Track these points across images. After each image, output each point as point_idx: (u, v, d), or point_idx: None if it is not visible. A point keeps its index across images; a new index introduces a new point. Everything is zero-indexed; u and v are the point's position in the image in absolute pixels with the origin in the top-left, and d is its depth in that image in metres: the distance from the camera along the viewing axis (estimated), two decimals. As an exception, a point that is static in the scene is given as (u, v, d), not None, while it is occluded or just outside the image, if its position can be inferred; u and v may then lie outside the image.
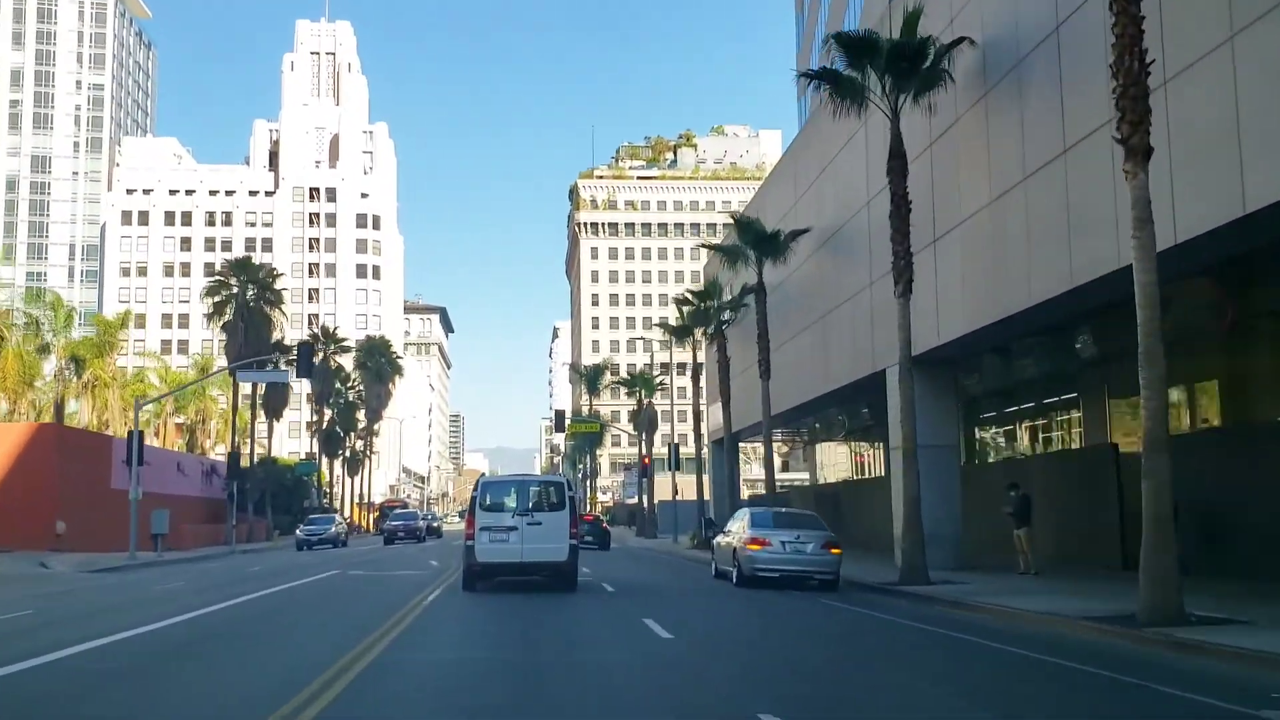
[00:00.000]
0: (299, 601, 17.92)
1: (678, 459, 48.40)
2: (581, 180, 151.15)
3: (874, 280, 25.60)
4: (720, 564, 22.41)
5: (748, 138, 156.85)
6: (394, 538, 51.57)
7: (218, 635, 12.99)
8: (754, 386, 38.48)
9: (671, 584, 22.61)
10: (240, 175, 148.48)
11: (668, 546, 46.30)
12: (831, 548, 19.56)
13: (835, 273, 29.04)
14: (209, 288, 58.95)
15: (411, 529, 52.26)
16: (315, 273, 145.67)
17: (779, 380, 32.55)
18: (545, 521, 18.50)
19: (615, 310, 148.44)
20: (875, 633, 13.76)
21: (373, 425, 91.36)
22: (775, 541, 19.35)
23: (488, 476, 22.21)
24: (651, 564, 31.95)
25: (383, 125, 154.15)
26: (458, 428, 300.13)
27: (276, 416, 67.71)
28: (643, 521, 62.25)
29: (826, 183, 29.85)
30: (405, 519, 54.37)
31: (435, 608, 16.03)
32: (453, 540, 54.37)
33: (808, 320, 31.70)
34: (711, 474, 44.85)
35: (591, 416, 79.95)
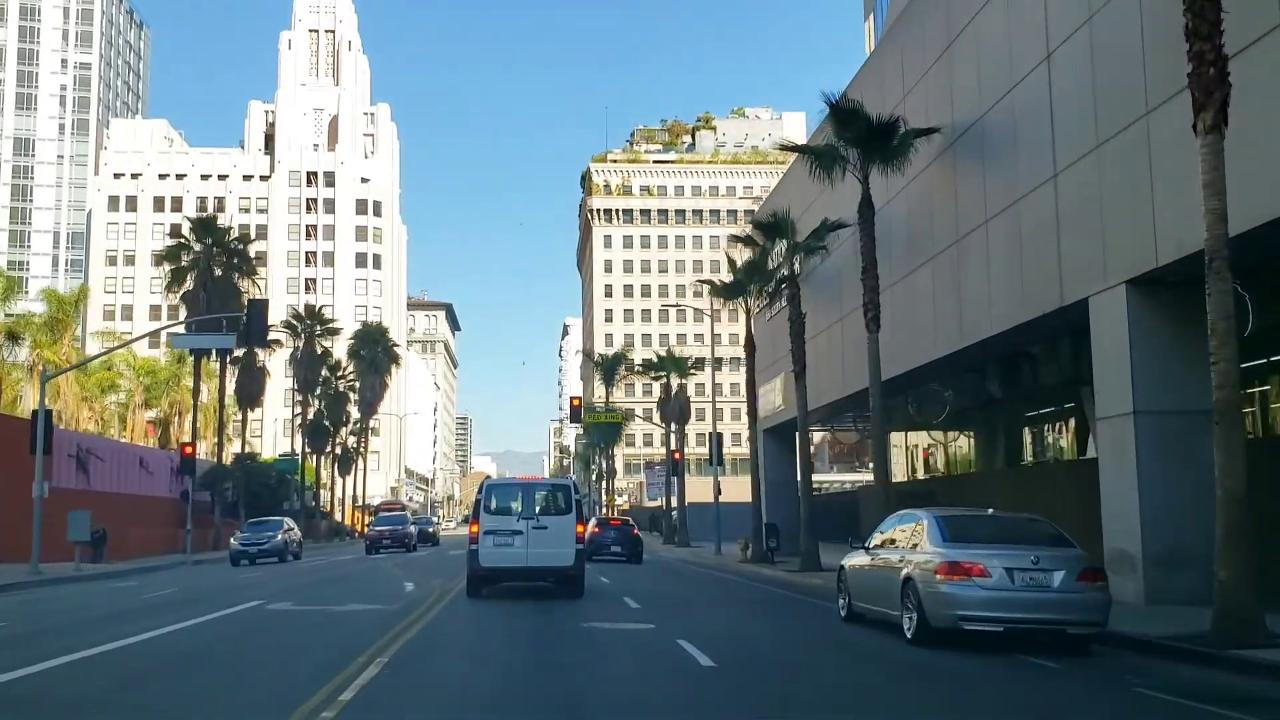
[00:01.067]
0: (121, 676, 9.60)
1: (720, 452, 39.97)
2: (594, 164, 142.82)
3: (1062, 169, 17.14)
4: (862, 601, 13.89)
5: (770, 120, 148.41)
6: (378, 546, 43.31)
7: None
8: (827, 357, 30.18)
9: (773, 635, 14.07)
10: (234, 159, 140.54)
11: (710, 558, 37.87)
12: (1092, 576, 11.15)
13: (976, 182, 20.57)
14: (166, 251, 50.72)
15: (399, 535, 43.93)
16: (312, 261, 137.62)
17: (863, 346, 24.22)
18: (551, 526, 18.09)
19: (630, 302, 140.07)
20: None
21: (367, 420, 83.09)
22: (995, 568, 10.90)
23: (493, 479, 21.77)
24: (712, 589, 23.50)
25: (385, 106, 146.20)
26: (465, 430, 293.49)
27: (252, 406, 59.44)
28: (670, 527, 53.88)
29: (960, 60, 21.41)
30: (392, 523, 45.90)
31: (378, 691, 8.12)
32: (451, 549, 45.90)
33: (923, 255, 23.25)
34: (765, 470, 36.55)
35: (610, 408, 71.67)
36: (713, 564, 34.86)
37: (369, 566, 31.50)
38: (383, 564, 32.43)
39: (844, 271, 29.87)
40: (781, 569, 28.10)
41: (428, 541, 52.94)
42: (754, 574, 28.41)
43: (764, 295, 33.67)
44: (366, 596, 18.50)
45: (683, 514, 49.23)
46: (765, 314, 36.21)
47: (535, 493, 18.94)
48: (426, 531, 53.55)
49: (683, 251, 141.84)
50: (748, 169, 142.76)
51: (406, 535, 43.94)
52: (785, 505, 38.04)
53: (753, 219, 28.34)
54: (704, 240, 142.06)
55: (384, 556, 40.20)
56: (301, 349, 65.04)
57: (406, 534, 43.99)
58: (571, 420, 48.13)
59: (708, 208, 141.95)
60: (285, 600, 17.31)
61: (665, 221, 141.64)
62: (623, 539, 33.94)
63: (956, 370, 25.74)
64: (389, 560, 35.52)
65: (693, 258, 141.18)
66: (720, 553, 39.42)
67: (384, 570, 28.89)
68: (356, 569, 30.12)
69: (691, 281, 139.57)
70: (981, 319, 20.58)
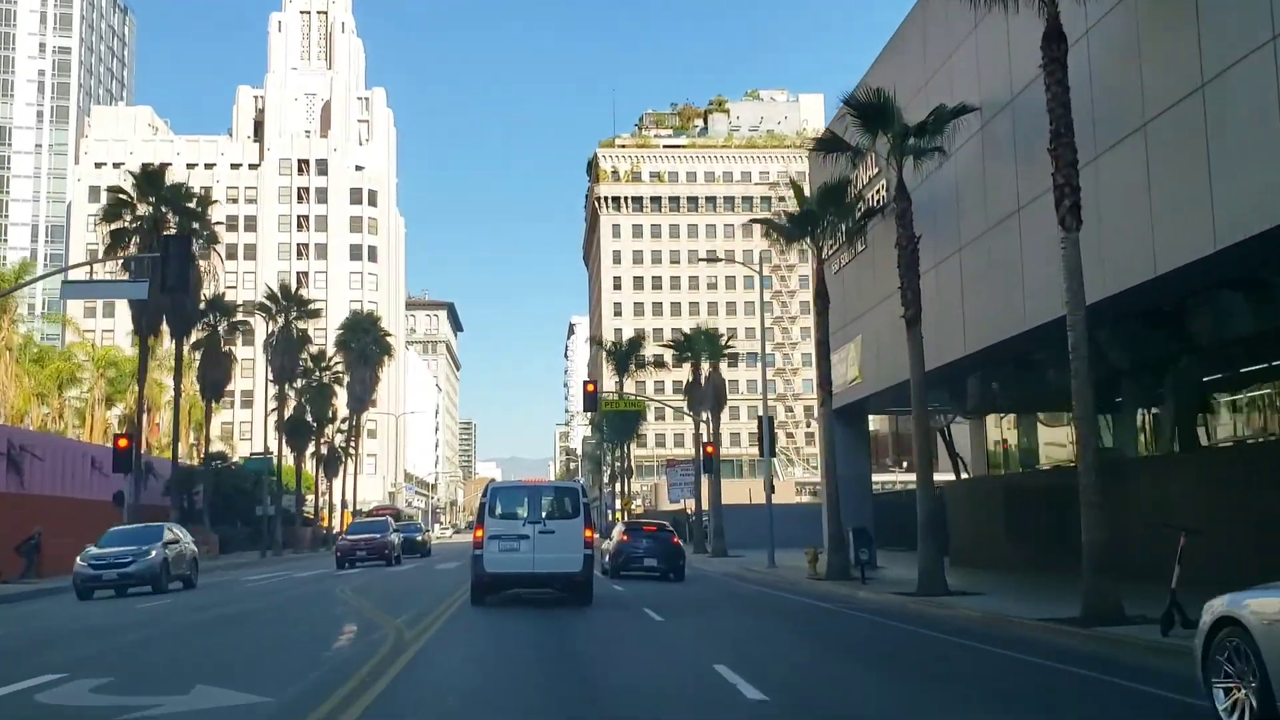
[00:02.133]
0: None
1: (772, 438, 32.20)
2: (601, 150, 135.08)
3: None
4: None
5: (786, 102, 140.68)
6: (350, 559, 35.50)
7: None
8: (934, 305, 22.51)
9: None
10: (222, 146, 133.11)
11: (766, 573, 30.06)
12: None
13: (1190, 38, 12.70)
14: (105, 209, 42.94)
15: (377, 546, 35.83)
16: (304, 254, 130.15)
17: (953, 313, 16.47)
18: (559, 530, 17.66)
19: (640, 295, 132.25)
20: None
21: (358, 418, 75.35)
22: None
23: (499, 481, 21.59)
24: (829, 632, 15.61)
25: (380, 91, 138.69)
26: (469, 435, 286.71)
27: (217, 396, 51.80)
28: (701, 533, 46.03)
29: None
30: (369, 531, 37.56)
31: None
32: (442, 562, 38.22)
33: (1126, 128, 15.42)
34: (839, 462, 28.86)
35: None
36: (778, 582, 27.03)
37: (312, 593, 23.13)
38: (336, 587, 24.38)
39: (963, 187, 22.11)
40: (888, 592, 20.29)
41: (415, 552, 45.20)
42: (851, 599, 20.58)
43: (839, 232, 25.91)
44: (246, 668, 10.48)
45: (718, 518, 41.36)
46: (838, 260, 28.44)
47: (542, 496, 18.55)
48: (414, 540, 45.60)
49: (695, 241, 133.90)
50: (764, 153, 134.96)
51: (386, 546, 36.00)
52: (855, 506, 30.42)
53: (846, 100, 20.38)
54: (718, 229, 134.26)
55: (357, 572, 32.43)
56: (278, 333, 57.32)
57: (386, 544, 36.01)
58: (585, 409, 40.41)
59: (721, 194, 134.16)
60: (89, 676, 9.40)
61: (677, 209, 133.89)
62: (660, 549, 26.19)
63: (1128, 315, 18.07)
64: (355, 580, 27.63)
65: (706, 247, 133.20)
66: (774, 564, 31.56)
67: (328, 600, 20.93)
68: (287, 598, 21.80)
69: (705, 275, 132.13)
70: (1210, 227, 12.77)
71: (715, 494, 40.73)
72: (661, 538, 26.61)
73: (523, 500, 18.27)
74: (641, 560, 25.97)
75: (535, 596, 19.01)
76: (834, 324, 30.89)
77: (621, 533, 26.64)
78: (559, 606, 17.67)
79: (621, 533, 26.64)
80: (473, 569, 17.89)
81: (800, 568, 29.89)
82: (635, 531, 26.81)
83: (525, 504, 18.12)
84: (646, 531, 26.83)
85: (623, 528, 27.08)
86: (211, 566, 40.78)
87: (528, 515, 17.84)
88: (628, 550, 26.12)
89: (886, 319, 26.38)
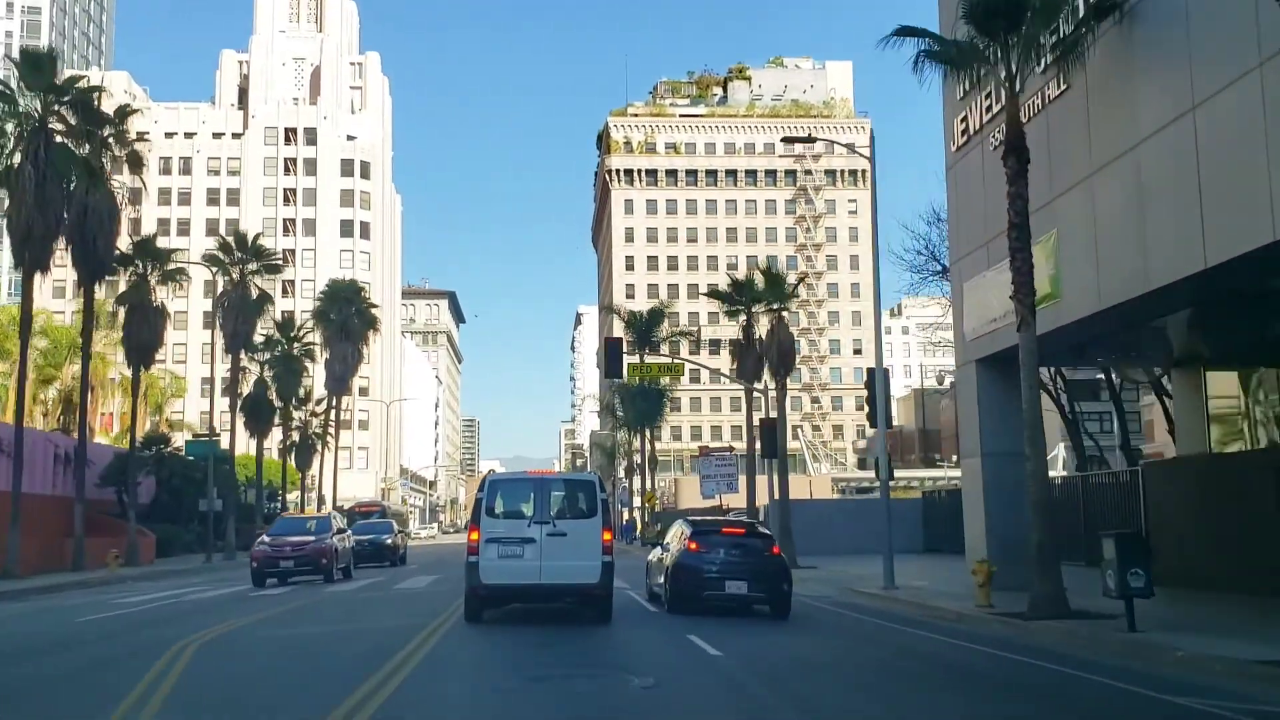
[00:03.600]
0: None
1: (887, 406, 22.25)
2: (613, 119, 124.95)
3: None
4: None
5: (812, 70, 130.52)
6: (272, 571, 25.01)
7: None
8: (1131, 206, 12.56)
9: None
10: (203, 114, 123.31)
11: (889, 598, 20.04)
12: None
13: None
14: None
15: (313, 554, 25.05)
16: (290, 230, 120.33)
17: None
18: (572, 532, 14.96)
19: (654, 276, 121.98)
20: None
21: (337, 399, 65.29)
22: None
23: (497, 473, 17.69)
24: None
25: (374, 55, 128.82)
26: (472, 432, 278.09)
27: (145, 360, 41.74)
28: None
29: None
30: (299, 531, 26.08)
31: None
32: (407, 578, 28.08)
33: None
34: (983, 433, 19.16)
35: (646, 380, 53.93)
36: (935, 618, 16.97)
37: (98, 659, 12.49)
38: (173, 633, 13.85)
39: None
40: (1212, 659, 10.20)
41: (384, 560, 34.85)
42: (1182, 683, 10.43)
43: (1041, 53, 15.89)
44: None
45: (785, 516, 31.01)
46: (1018, 103, 18.28)
47: (551, 490, 15.64)
48: (380, 545, 35.02)
49: (714, 218, 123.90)
50: (788, 123, 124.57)
51: (323, 553, 25.09)
52: (1007, 497, 20.60)
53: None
54: (738, 205, 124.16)
55: (280, 593, 22.27)
56: (234, 290, 47.30)
57: (323, 551, 25.06)
58: (607, 374, 30.42)
59: (743, 167, 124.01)
60: None
61: (694, 183, 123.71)
62: (751, 565, 16.05)
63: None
64: (238, 614, 17.42)
65: (725, 224, 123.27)
66: (894, 585, 21.43)
67: (87, 686, 10.46)
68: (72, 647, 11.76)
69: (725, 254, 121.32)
70: None
71: (783, 485, 30.61)
72: (752, 546, 16.30)
73: (527, 495, 15.53)
74: (721, 583, 15.84)
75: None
76: (968, 234, 20.96)
77: (685, 538, 16.45)
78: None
79: (685, 538, 16.45)
80: (466, 579, 15.24)
81: (932, 589, 19.96)
82: (709, 536, 16.60)
83: (531, 500, 15.40)
84: (727, 536, 16.50)
85: (686, 530, 16.86)
86: (110, 577, 30.74)
87: (534, 514, 15.21)
88: (698, 566, 16.09)
89: (1111, 197, 16.34)
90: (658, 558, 18.36)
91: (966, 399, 22.24)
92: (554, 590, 15.16)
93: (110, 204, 35.80)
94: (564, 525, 15.07)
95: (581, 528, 15.06)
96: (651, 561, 19.05)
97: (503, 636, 13.98)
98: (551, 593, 15.24)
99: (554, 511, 15.27)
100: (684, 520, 18.17)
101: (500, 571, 14.85)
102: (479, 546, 14.86)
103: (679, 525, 17.93)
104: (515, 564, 14.81)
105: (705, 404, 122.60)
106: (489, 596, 15.11)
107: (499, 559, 14.85)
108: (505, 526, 15.07)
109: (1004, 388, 21.52)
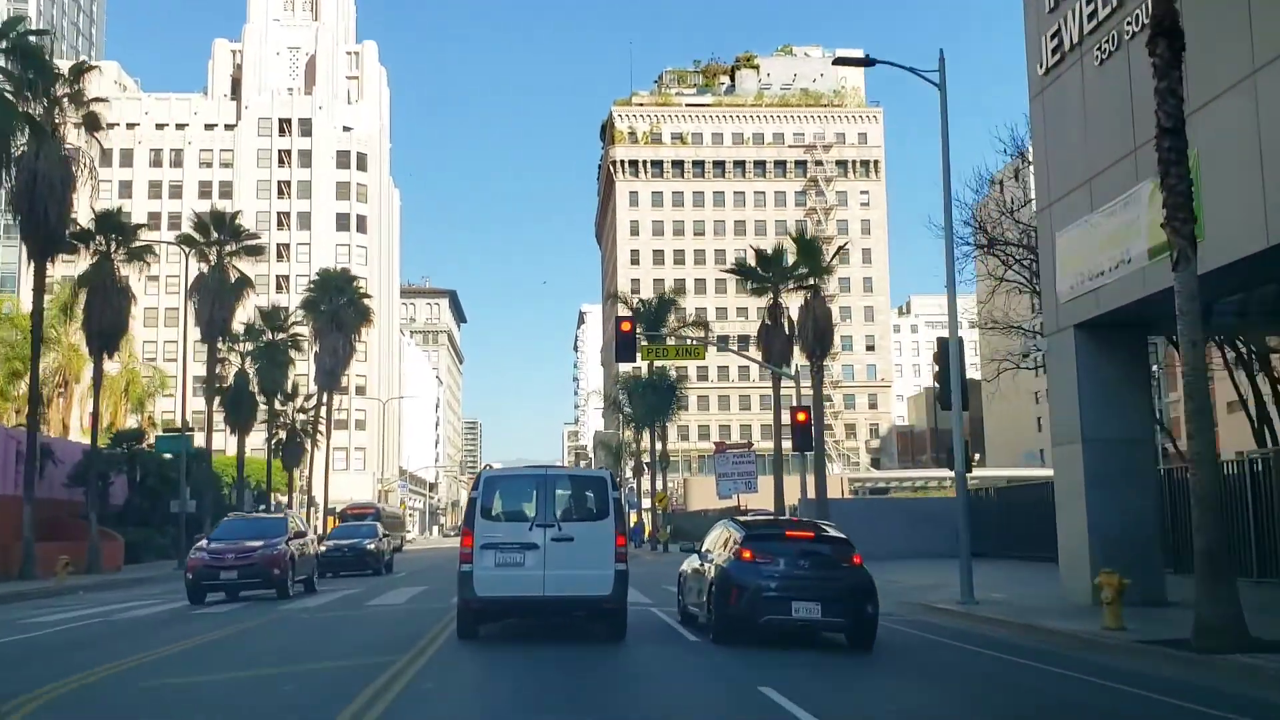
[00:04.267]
0: None
1: (962, 386, 18.44)
2: (617, 109, 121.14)
3: None
4: None
5: (822, 59, 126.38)
6: (211, 584, 20.56)
7: None
8: None
9: None
10: (195, 105, 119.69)
11: (974, 617, 16.17)
12: None
13: None
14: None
15: (262, 563, 20.58)
16: (285, 224, 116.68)
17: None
18: (580, 537, 13.06)
19: (660, 270, 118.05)
20: None
21: (328, 395, 61.50)
22: None
23: (493, 469, 14.92)
24: None
25: (371, 45, 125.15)
26: (474, 434, 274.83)
27: (109, 348, 37.97)
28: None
29: None
30: (246, 535, 21.51)
31: None
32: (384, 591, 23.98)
33: None
34: (1084, 417, 15.31)
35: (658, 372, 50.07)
36: (1085, 649, 13.08)
37: None
38: (38, 675, 10.05)
39: None
40: None
41: (365, 568, 30.75)
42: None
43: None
44: None
45: (824, 518, 27.12)
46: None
47: (556, 488, 13.51)
48: (361, 551, 30.82)
49: (722, 210, 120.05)
50: (798, 113, 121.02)
51: (274, 562, 20.59)
52: (1115, 492, 16.83)
53: None
54: (746, 197, 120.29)
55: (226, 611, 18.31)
56: (210, 273, 43.56)
57: (274, 559, 20.60)
58: (619, 357, 26.63)
59: (751, 158, 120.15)
60: None
61: (701, 175, 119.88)
62: (827, 580, 12.04)
63: None
64: (158, 640, 13.66)
65: (734, 217, 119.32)
66: (974, 597, 17.61)
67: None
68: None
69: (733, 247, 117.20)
70: None
71: (820, 481, 26.70)
72: (824, 555, 12.36)
73: (529, 493, 13.47)
74: (786, 605, 11.83)
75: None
76: (1066, 173, 17.15)
77: (735, 544, 12.43)
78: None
79: (735, 544, 12.43)
80: (459, 591, 13.19)
81: (1019, 603, 16.20)
82: (767, 543, 12.71)
83: (533, 499, 13.33)
84: (792, 542, 12.52)
85: (736, 533, 12.74)
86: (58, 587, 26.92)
87: (536, 516, 13.12)
88: (754, 582, 12.11)
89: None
90: (694, 569, 14.46)
91: (1061, 373, 18.38)
92: (559, 604, 13.25)
93: (64, 170, 32.13)
94: (571, 529, 13.18)
95: (591, 531, 13.19)
96: (687, 573, 15.15)
97: (497, 681, 10.18)
98: (557, 606, 13.33)
99: (559, 512, 13.36)
100: (730, 521, 14.21)
101: (497, 582, 13.05)
102: (473, 553, 13.11)
103: (724, 528, 13.97)
104: (515, 573, 13.04)
105: (713, 402, 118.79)
106: (483, 610, 13.30)
107: (496, 568, 13.07)
108: (504, 530, 13.27)
109: (1112, 358, 17.68)
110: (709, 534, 14.61)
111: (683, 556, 18.75)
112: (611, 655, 11.91)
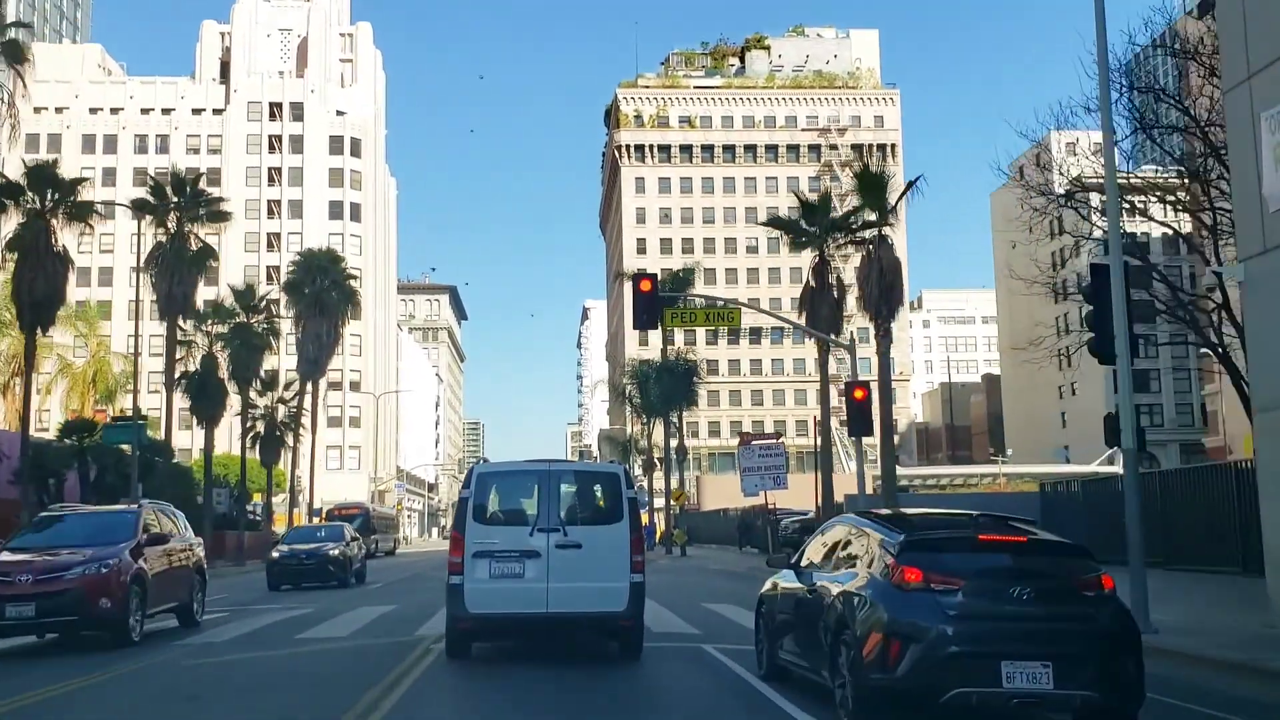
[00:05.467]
0: None
1: (1123, 311, 13.11)
2: (622, 91, 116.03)
3: None
4: None
5: (835, 39, 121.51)
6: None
7: None
8: None
9: None
10: (182, 89, 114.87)
11: (1177, 655, 11.00)
12: None
13: None
14: None
15: (82, 591, 13.00)
16: (275, 212, 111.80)
17: None
18: (589, 543, 11.56)
19: (667, 260, 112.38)
20: None
21: (311, 384, 56.39)
22: None
23: (487, 465, 13.57)
24: None
25: (366, 26, 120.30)
26: (476, 435, 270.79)
27: (43, 322, 32.86)
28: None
29: None
30: (59, 541, 14.18)
31: None
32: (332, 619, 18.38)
33: None
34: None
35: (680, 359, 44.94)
36: None
37: None
38: None
39: None
40: None
41: (329, 579, 25.49)
42: None
43: None
44: None
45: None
46: None
47: (560, 485, 11.96)
48: (323, 559, 25.34)
49: (732, 197, 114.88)
50: (811, 95, 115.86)
51: (100, 587, 13.29)
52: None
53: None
54: (758, 182, 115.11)
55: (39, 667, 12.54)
56: (168, 243, 38.43)
57: (100, 583, 13.29)
58: (637, 325, 21.54)
59: (763, 142, 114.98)
60: None
61: (710, 160, 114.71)
62: (1057, 622, 6.58)
63: None
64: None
65: (745, 204, 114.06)
66: (1153, 627, 12.43)
67: None
68: None
69: (744, 236, 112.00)
70: None
71: (888, 471, 21.48)
72: (1049, 575, 6.93)
73: (530, 491, 11.93)
74: (993, 668, 6.02)
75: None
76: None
77: (886, 556, 6.63)
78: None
79: (886, 556, 6.63)
80: (448, 607, 11.75)
81: (1210, 627, 11.08)
82: (950, 555, 7.04)
83: (534, 498, 11.82)
84: (990, 550, 6.99)
85: (887, 537, 6.95)
86: None
87: (538, 518, 11.59)
88: (933, 625, 6.44)
89: None
90: (791, 592, 9.26)
91: (1268, 311, 13.20)
92: (566, 621, 11.66)
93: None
94: (578, 533, 11.70)
95: (602, 536, 11.72)
96: (773, 598, 9.99)
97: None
98: (563, 623, 11.70)
99: (565, 514, 11.84)
100: (870, 518, 8.61)
101: (493, 597, 11.55)
102: (464, 563, 11.56)
103: (855, 527, 8.41)
104: (513, 586, 11.56)
105: (724, 398, 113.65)
106: (475, 628, 11.77)
107: (491, 580, 11.59)
108: (500, 535, 11.77)
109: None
110: (817, 535, 9.10)
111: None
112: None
